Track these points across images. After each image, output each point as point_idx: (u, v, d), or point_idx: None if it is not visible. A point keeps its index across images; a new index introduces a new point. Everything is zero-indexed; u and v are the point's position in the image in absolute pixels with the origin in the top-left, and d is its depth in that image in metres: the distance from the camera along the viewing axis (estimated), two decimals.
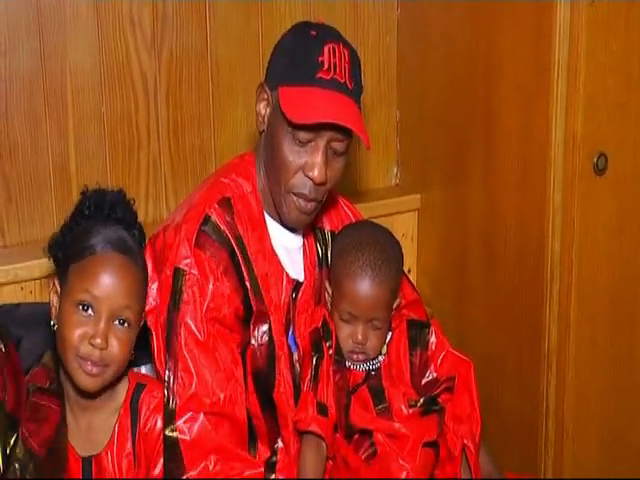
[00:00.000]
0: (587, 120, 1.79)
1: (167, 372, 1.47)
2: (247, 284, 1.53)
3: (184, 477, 1.43)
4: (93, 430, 1.49)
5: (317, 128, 1.46)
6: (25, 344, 1.58)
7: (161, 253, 1.53)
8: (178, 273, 1.49)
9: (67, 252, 1.46)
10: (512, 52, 1.87)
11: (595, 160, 1.81)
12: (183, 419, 1.45)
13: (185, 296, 1.48)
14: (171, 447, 1.45)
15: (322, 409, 1.55)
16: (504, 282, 1.98)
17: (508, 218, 1.94)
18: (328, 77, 1.46)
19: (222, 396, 1.47)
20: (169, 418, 1.46)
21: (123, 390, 1.50)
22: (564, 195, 1.82)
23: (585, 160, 1.81)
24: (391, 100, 2.26)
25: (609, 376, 1.95)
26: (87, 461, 1.47)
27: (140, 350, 1.51)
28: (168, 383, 1.47)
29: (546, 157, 1.81)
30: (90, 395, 1.46)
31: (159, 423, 1.48)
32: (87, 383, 1.42)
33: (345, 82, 1.47)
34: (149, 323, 1.53)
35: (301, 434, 1.56)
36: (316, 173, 1.47)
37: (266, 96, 1.52)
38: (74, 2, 1.86)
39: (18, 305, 1.72)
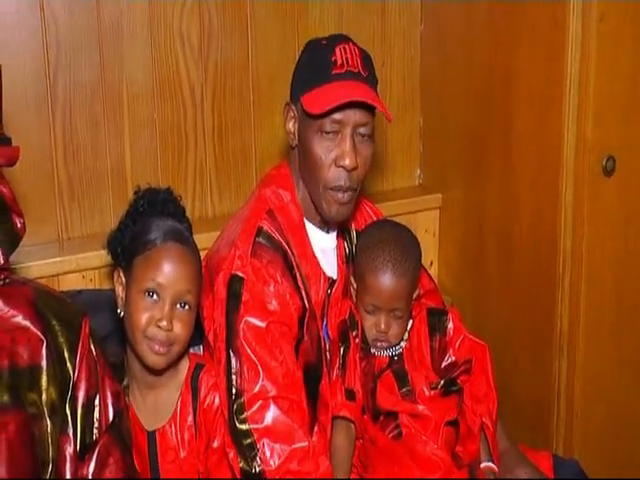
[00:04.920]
0: (597, 125, 1.86)
1: (231, 370, 1.48)
2: (300, 284, 1.57)
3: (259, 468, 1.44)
4: (158, 405, 1.55)
5: (340, 114, 1.50)
6: None
7: (216, 268, 1.54)
8: (235, 279, 1.51)
9: (130, 247, 1.53)
10: (528, 63, 1.93)
11: (604, 162, 1.88)
12: (254, 408, 1.46)
13: (244, 298, 1.50)
14: (243, 437, 1.45)
15: (350, 394, 1.62)
16: (519, 274, 2.04)
17: (523, 216, 2.00)
18: (342, 71, 1.51)
19: (286, 382, 1.49)
20: (239, 409, 1.46)
21: (184, 369, 1.56)
22: (575, 195, 1.89)
23: (595, 162, 1.88)
24: (415, 107, 2.32)
25: (615, 359, 2.01)
26: (152, 434, 1.54)
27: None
28: (235, 382, 1.47)
29: (559, 159, 1.88)
30: (156, 373, 1.53)
31: (217, 400, 1.52)
32: (155, 361, 1.49)
33: (359, 71, 1.52)
34: (205, 331, 1.57)
35: (332, 419, 1.61)
36: (347, 160, 1.52)
37: (292, 113, 1.58)
38: (130, 20, 1.94)
39: (80, 292, 1.82)
